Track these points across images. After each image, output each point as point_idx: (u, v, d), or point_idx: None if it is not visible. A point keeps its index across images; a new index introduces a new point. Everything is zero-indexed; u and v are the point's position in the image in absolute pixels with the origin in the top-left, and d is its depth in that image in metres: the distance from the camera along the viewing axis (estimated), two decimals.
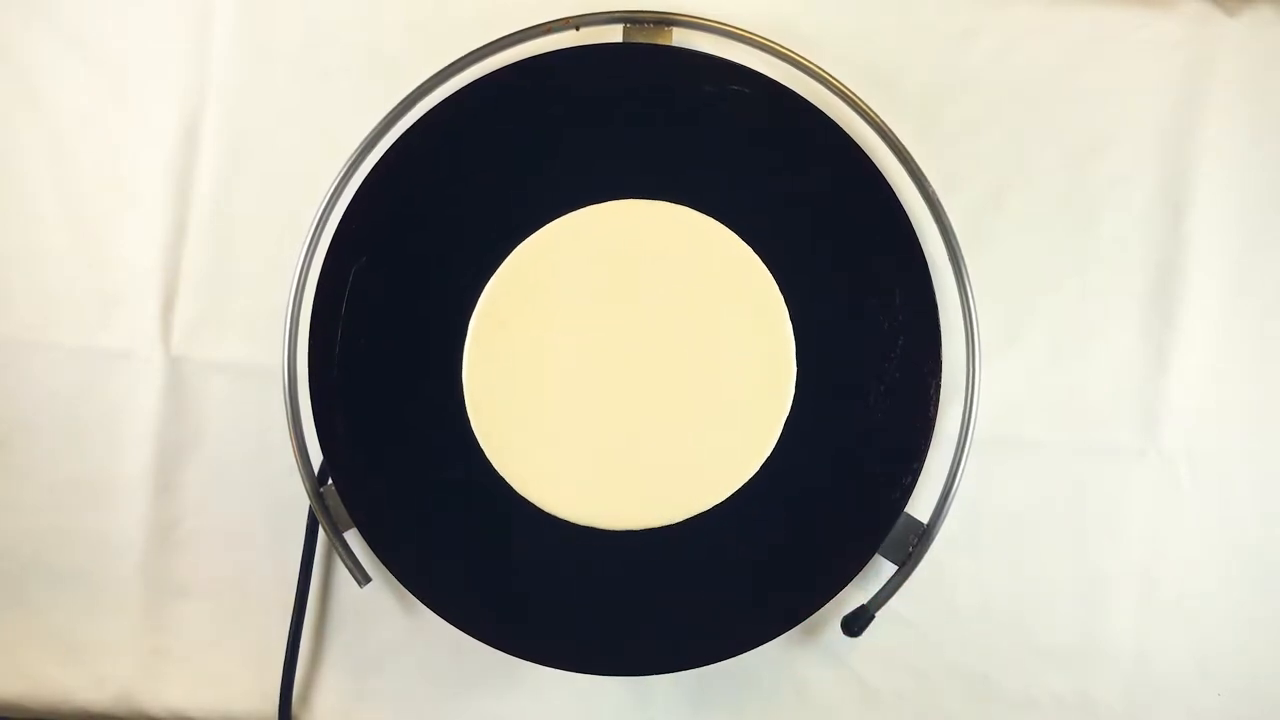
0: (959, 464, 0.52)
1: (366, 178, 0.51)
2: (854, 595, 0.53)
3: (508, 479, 0.50)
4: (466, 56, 0.52)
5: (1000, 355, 0.55)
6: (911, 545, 0.52)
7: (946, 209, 0.52)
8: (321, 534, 0.53)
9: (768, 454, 0.50)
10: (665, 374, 0.50)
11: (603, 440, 0.50)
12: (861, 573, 0.51)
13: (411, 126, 0.52)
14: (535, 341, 0.51)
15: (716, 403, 0.50)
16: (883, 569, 0.52)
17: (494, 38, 0.52)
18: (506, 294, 0.51)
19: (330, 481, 0.52)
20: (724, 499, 0.50)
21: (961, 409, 0.52)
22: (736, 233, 0.51)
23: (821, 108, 0.52)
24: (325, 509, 0.52)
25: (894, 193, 0.52)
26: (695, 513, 0.50)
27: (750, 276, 0.51)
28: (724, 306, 0.51)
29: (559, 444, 0.50)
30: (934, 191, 0.52)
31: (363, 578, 0.52)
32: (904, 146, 0.52)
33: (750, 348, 0.51)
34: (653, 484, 0.51)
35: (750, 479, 0.50)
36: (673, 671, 0.52)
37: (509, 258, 0.50)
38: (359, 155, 0.52)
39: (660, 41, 0.53)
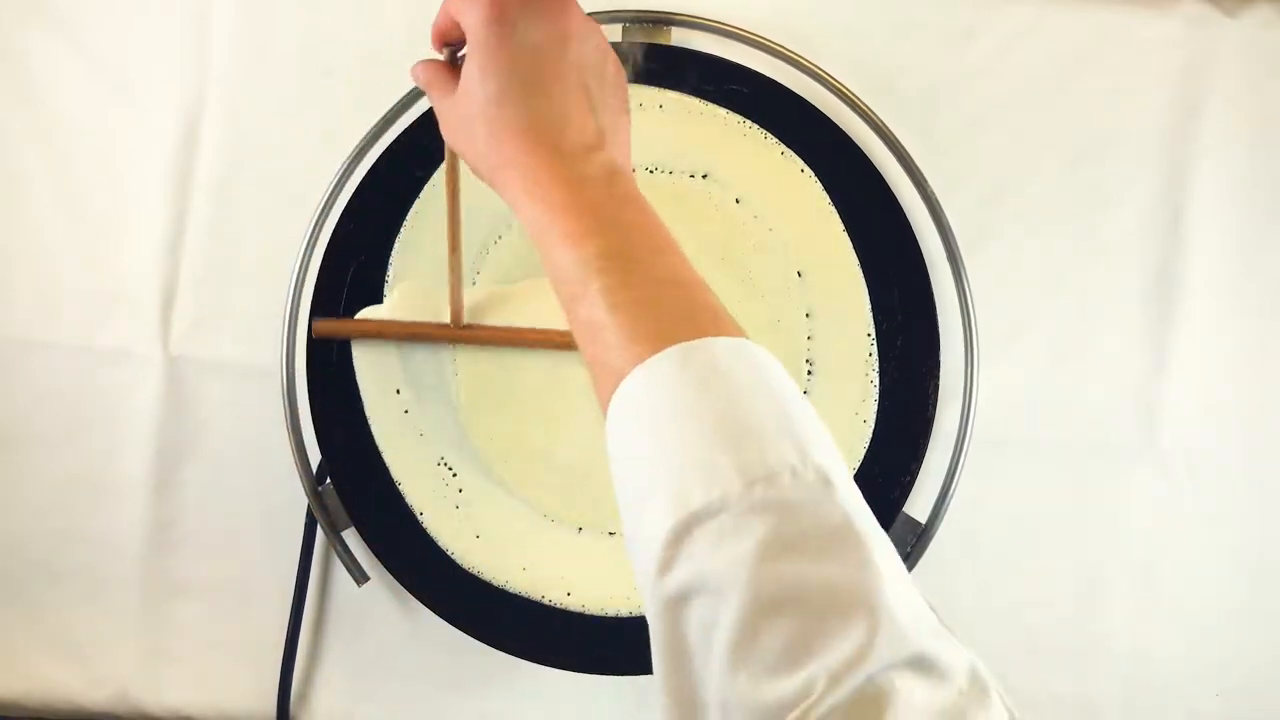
0: (957, 463, 0.52)
1: (365, 176, 0.51)
2: None
3: (503, 480, 0.50)
4: None
5: (999, 355, 0.55)
6: (910, 544, 0.52)
7: (946, 209, 0.52)
8: (320, 533, 0.53)
9: None
10: None
11: (601, 441, 0.50)
12: None
13: (409, 126, 0.52)
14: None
15: None
16: None
17: None
18: (494, 285, 0.51)
19: (329, 481, 0.52)
20: None
21: (960, 409, 0.52)
22: None
23: (820, 108, 0.52)
24: (324, 508, 0.52)
25: (893, 193, 0.52)
26: None
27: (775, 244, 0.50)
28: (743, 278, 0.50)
29: (557, 445, 0.50)
30: (933, 192, 0.52)
31: (361, 577, 0.52)
32: (904, 147, 0.52)
33: (769, 325, 0.50)
34: None
35: None
36: None
37: (493, 249, 0.50)
38: (357, 154, 0.52)
39: (659, 41, 0.53)
